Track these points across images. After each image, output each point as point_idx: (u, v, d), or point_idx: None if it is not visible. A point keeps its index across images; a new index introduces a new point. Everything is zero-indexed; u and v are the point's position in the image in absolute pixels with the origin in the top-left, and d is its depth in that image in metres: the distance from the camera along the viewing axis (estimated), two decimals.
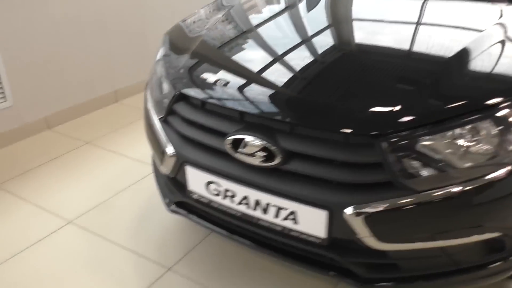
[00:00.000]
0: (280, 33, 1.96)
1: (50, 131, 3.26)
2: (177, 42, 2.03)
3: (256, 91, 1.59)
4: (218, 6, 2.35)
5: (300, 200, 1.47)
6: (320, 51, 1.75)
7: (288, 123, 1.48)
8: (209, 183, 1.65)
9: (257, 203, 1.56)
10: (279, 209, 1.53)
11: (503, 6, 1.94)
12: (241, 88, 1.61)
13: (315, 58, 1.71)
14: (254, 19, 2.17)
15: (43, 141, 3.12)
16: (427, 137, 1.37)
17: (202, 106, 1.67)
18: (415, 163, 1.37)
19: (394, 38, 1.77)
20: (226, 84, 1.65)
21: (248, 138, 1.50)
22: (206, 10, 2.31)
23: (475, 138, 1.36)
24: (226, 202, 1.64)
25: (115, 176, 2.69)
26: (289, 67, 1.66)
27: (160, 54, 2.04)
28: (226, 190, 1.62)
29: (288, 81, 1.60)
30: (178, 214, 1.89)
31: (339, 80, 1.56)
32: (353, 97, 1.48)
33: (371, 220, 1.39)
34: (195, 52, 1.87)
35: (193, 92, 1.69)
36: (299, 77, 1.61)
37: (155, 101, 1.91)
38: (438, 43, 1.67)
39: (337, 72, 1.61)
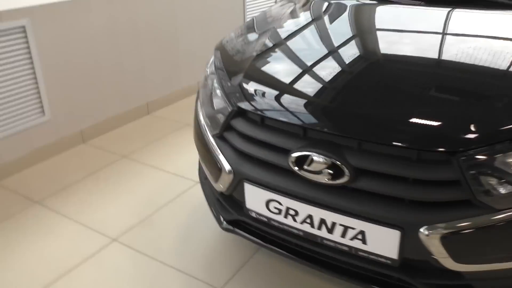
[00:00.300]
0: (328, 49, 1.89)
1: (85, 144, 3.24)
2: (229, 57, 1.98)
3: (319, 107, 1.53)
4: (259, 23, 2.30)
5: (370, 219, 1.41)
6: (374, 65, 1.68)
7: (357, 139, 1.42)
8: (270, 201, 1.59)
9: (322, 222, 1.50)
10: (347, 228, 1.46)
11: None
12: (303, 104, 1.55)
13: (371, 72, 1.64)
14: (297, 36, 2.10)
15: (80, 155, 3.10)
16: (506, 153, 1.30)
17: (262, 121, 1.61)
18: (494, 180, 1.30)
19: (439, 50, 1.68)
20: (286, 99, 1.59)
21: (314, 155, 1.44)
22: (249, 27, 2.27)
23: None
24: (288, 221, 1.58)
25: (154, 191, 2.65)
26: (348, 82, 1.60)
27: (210, 68, 2.00)
28: (288, 209, 1.56)
29: (351, 96, 1.53)
30: (233, 233, 1.83)
31: (404, 94, 1.50)
32: (424, 112, 1.41)
33: (448, 240, 1.32)
34: (252, 67, 1.81)
35: (253, 107, 1.63)
36: (362, 92, 1.54)
37: (208, 116, 1.86)
38: (487, 54, 1.59)
39: (397, 87, 1.54)
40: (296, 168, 1.49)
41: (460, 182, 1.30)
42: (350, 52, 1.75)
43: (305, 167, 1.46)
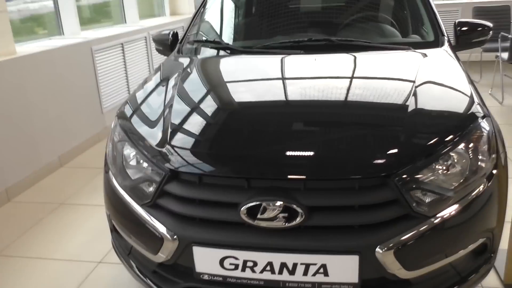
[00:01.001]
0: (248, 93, 2.00)
1: None
2: (140, 122, 1.91)
3: (259, 156, 1.60)
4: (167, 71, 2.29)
5: (330, 252, 1.50)
6: (303, 109, 1.84)
7: (304, 180, 1.52)
8: (224, 258, 1.56)
9: (283, 265, 1.53)
10: (308, 266, 1.51)
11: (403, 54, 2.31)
12: (241, 155, 1.60)
13: (301, 117, 1.80)
14: (210, 84, 2.17)
15: None
16: (422, 170, 1.54)
17: (200, 181, 1.60)
18: (421, 193, 1.53)
19: (348, 93, 1.92)
20: (222, 154, 1.62)
21: (265, 203, 1.49)
22: (151, 82, 2.25)
23: (450, 163, 1.58)
24: (246, 274, 1.57)
25: (49, 286, 2.32)
26: (273, 130, 1.71)
27: (117, 136, 1.90)
28: (246, 261, 1.55)
29: (286, 141, 1.64)
30: None
31: (334, 133, 1.68)
32: (355, 146, 1.59)
33: (400, 253, 1.48)
34: (173, 128, 1.78)
35: (189, 168, 1.61)
36: (295, 136, 1.67)
37: (127, 187, 1.76)
38: (385, 92, 1.90)
39: (329, 127, 1.72)
40: (249, 220, 1.51)
41: (398, 200, 1.50)
42: (263, 100, 1.88)
43: (259, 216, 1.50)
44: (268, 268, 1.54)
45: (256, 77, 2.16)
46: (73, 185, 3.50)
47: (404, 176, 1.50)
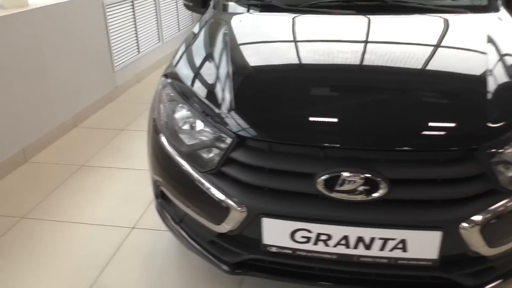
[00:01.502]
0: (315, 58, 1.86)
1: None
2: (198, 83, 1.79)
3: (338, 121, 1.50)
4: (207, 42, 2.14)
5: (411, 227, 1.43)
6: (374, 76, 1.72)
7: (387, 151, 1.43)
8: (296, 231, 1.48)
9: (360, 240, 1.46)
10: (386, 240, 1.45)
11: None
12: (316, 120, 1.50)
13: (367, 83, 1.68)
14: (266, 50, 2.01)
15: None
16: (509, 143, 1.45)
17: (270, 148, 1.49)
18: (508, 167, 1.45)
19: (421, 59, 1.78)
20: (298, 120, 1.51)
21: (346, 174, 1.40)
22: (200, 48, 2.08)
23: None
24: (318, 248, 1.50)
25: (84, 251, 2.24)
26: (350, 96, 1.61)
27: (167, 97, 1.77)
28: (319, 235, 1.47)
29: (362, 109, 1.54)
30: (243, 275, 1.66)
31: (418, 102, 1.57)
32: (437, 115, 1.49)
33: (485, 229, 1.42)
34: (241, 90, 1.66)
35: (260, 134, 1.50)
36: (370, 103, 1.56)
37: (184, 153, 1.65)
38: (460, 60, 1.78)
39: (412, 95, 1.61)
40: (326, 191, 1.42)
41: (485, 174, 1.42)
42: (337, 66, 1.77)
43: (337, 188, 1.41)
44: (343, 242, 1.47)
45: (319, 38, 2.02)
46: (90, 146, 3.36)
47: (493, 149, 1.42)
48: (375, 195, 1.40)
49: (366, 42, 1.93)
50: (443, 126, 1.47)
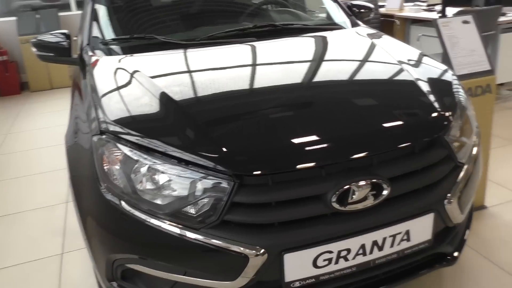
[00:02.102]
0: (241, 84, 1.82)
1: None
2: (148, 130, 1.57)
3: (327, 138, 1.50)
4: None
5: (412, 216, 1.53)
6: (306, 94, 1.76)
7: (380, 153, 1.50)
8: (318, 256, 1.44)
9: (374, 244, 1.50)
10: (395, 236, 1.52)
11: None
12: (312, 141, 1.48)
13: (334, 98, 1.74)
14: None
15: None
16: (454, 128, 1.68)
17: (273, 181, 1.41)
18: (457, 145, 1.69)
19: (352, 73, 1.90)
20: (288, 144, 1.46)
21: (355, 184, 1.42)
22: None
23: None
24: (340, 265, 1.48)
25: None
26: (323, 108, 1.66)
27: (115, 158, 1.50)
28: (340, 252, 1.46)
29: (344, 119, 1.60)
30: None
31: (379, 108, 1.67)
32: (406, 115, 1.65)
33: (459, 199, 1.63)
34: (209, 127, 1.53)
35: (263, 169, 1.40)
36: (347, 113, 1.63)
37: (165, 215, 1.43)
38: (381, 68, 1.95)
39: (368, 104, 1.70)
40: (340, 207, 1.42)
41: (449, 155, 1.63)
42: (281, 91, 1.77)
43: (350, 200, 1.43)
44: (360, 251, 1.49)
45: (247, 67, 1.98)
46: None
47: (449, 134, 1.63)
48: (382, 196, 1.46)
49: (289, 63, 2.00)
50: (415, 122, 1.62)
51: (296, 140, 1.48)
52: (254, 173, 1.40)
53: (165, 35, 2.25)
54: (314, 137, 1.50)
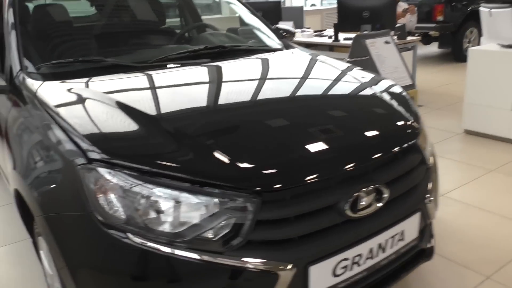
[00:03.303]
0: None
1: None
2: (148, 154, 1.45)
3: (332, 149, 1.55)
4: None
5: (406, 217, 1.64)
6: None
7: (376, 160, 1.58)
8: (337, 265, 1.46)
9: (379, 246, 1.57)
10: (394, 237, 1.62)
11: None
12: (322, 151, 1.52)
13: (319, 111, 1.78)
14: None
15: None
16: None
17: (293, 195, 1.40)
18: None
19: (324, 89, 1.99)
20: (299, 156, 1.48)
21: (363, 191, 1.49)
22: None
23: None
24: (353, 271, 1.52)
25: None
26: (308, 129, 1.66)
27: (115, 188, 1.35)
28: (354, 258, 1.50)
29: (342, 131, 1.66)
30: None
31: (362, 119, 1.77)
32: (389, 126, 1.78)
33: (433, 193, 1.79)
34: (217, 144, 1.48)
35: (285, 184, 1.38)
36: (342, 126, 1.70)
37: (187, 241, 1.33)
38: (343, 83, 2.08)
39: (353, 116, 1.79)
40: (353, 214, 1.48)
41: (423, 159, 1.78)
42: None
43: (359, 206, 1.49)
44: (369, 255, 1.56)
45: (228, 84, 1.96)
46: None
47: (419, 139, 1.80)
48: (384, 200, 1.55)
49: (259, 80, 2.02)
50: (397, 130, 1.77)
51: (309, 152, 1.51)
52: (276, 187, 1.38)
53: (106, 57, 2.12)
54: (324, 148, 1.54)
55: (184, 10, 3.44)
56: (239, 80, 2.03)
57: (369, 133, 1.67)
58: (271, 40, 2.72)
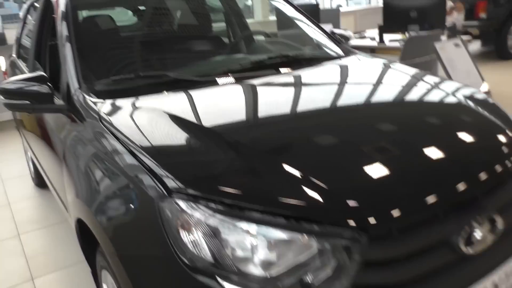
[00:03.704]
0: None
1: None
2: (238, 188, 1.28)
3: (446, 171, 1.37)
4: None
5: None
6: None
7: (487, 185, 1.39)
8: None
9: (495, 286, 1.37)
10: (509, 275, 1.41)
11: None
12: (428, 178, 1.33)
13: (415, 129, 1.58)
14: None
15: None
16: None
17: (399, 229, 1.22)
18: None
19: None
20: (401, 183, 1.30)
21: (475, 220, 1.30)
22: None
23: None
24: None
25: None
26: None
27: (200, 226, 1.19)
28: None
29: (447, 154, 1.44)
30: None
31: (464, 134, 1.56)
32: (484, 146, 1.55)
33: None
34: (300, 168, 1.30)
35: (389, 217, 1.21)
36: (441, 147, 1.47)
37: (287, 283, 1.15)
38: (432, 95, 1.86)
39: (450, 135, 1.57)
40: (470, 249, 1.28)
41: None
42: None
43: (473, 239, 1.29)
44: None
45: (298, 103, 1.77)
46: None
47: None
48: (498, 229, 1.35)
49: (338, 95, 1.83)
50: (505, 147, 1.55)
51: (421, 175, 1.34)
52: (390, 220, 1.20)
53: (165, 70, 1.98)
54: (436, 170, 1.36)
55: (230, 16, 3.27)
56: (323, 93, 1.84)
57: (482, 151, 1.48)
58: (330, 46, 2.52)
